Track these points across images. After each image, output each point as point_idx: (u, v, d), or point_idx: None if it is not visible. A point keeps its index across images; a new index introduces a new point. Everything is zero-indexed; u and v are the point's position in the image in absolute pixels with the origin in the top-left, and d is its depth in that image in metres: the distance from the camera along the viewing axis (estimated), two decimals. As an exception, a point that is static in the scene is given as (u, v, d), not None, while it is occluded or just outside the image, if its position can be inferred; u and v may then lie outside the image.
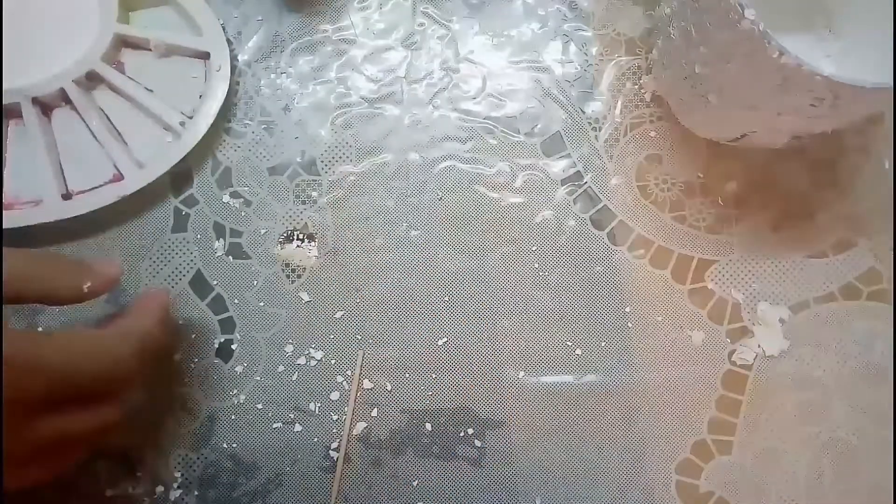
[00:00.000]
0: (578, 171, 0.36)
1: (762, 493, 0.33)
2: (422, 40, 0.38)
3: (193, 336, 0.34)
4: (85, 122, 0.35)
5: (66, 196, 0.34)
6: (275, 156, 0.36)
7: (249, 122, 0.36)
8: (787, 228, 0.36)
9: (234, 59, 0.37)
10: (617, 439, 0.34)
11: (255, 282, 0.35)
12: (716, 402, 0.34)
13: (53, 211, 0.33)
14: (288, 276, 0.35)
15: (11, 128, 0.35)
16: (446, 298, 0.35)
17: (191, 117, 0.35)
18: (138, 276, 0.35)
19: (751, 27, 0.26)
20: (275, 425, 0.33)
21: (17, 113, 0.34)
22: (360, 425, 0.33)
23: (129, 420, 0.32)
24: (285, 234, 0.35)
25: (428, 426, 0.33)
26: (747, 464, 0.34)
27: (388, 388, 0.34)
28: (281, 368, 0.34)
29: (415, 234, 0.35)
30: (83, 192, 0.34)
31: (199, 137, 0.35)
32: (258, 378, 0.34)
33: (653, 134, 0.36)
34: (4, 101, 0.34)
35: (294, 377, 0.34)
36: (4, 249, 0.26)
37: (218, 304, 0.34)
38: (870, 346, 0.35)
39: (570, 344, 0.34)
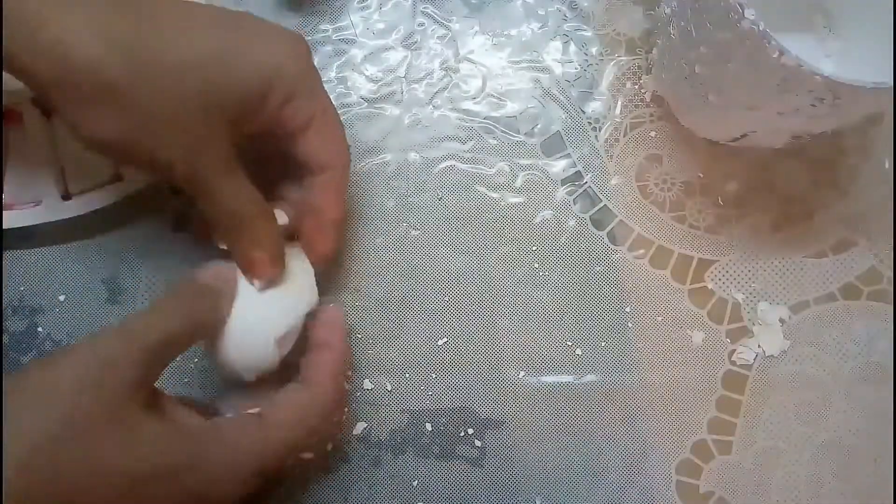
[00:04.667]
0: (578, 171, 0.36)
1: (762, 493, 0.33)
2: (422, 40, 0.38)
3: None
4: (85, 122, 0.35)
5: (66, 196, 0.34)
6: (275, 156, 0.36)
7: (249, 122, 0.36)
8: (787, 228, 0.36)
9: (234, 59, 0.37)
10: (617, 439, 0.34)
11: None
12: (716, 402, 0.34)
13: (53, 211, 0.33)
14: (288, 276, 0.35)
15: (12, 129, 0.34)
16: (446, 298, 0.35)
17: (191, 117, 0.35)
18: (138, 277, 0.35)
19: (751, 27, 0.26)
20: (275, 425, 0.33)
21: (17, 114, 0.34)
22: (360, 425, 0.33)
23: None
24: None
25: (428, 426, 0.33)
26: (747, 464, 0.34)
27: (388, 388, 0.34)
28: (281, 368, 0.34)
29: (415, 234, 0.35)
30: (83, 192, 0.34)
31: (199, 137, 0.35)
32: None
33: (653, 134, 0.36)
34: (4, 103, 0.33)
35: (294, 377, 0.34)
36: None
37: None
38: (870, 346, 0.35)
39: (570, 344, 0.34)
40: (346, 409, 0.32)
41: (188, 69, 0.25)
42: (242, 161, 0.28)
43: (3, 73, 0.24)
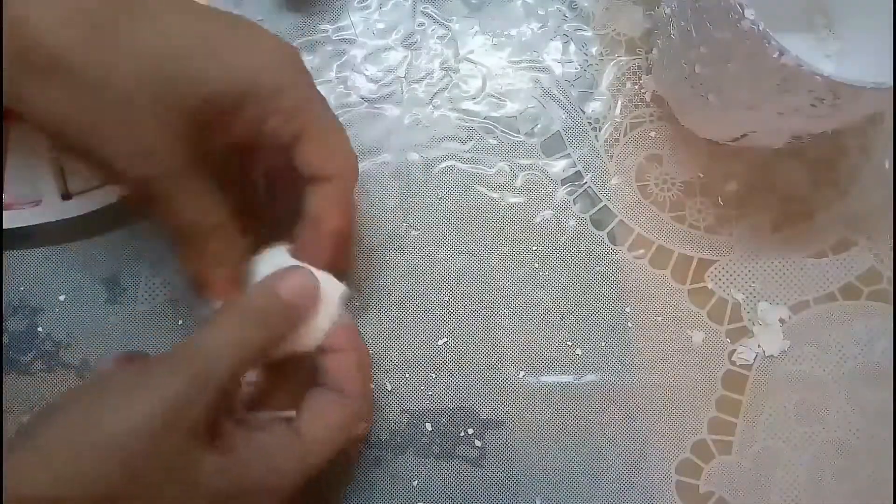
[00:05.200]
0: (578, 171, 0.36)
1: (762, 493, 0.33)
2: (422, 40, 0.38)
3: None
4: (85, 122, 0.35)
5: (66, 196, 0.34)
6: (275, 156, 0.36)
7: (249, 122, 0.36)
8: (787, 228, 0.36)
9: (234, 59, 0.37)
10: (617, 439, 0.34)
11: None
12: (716, 402, 0.34)
13: (53, 211, 0.33)
14: (288, 276, 0.35)
15: (12, 128, 0.34)
16: (446, 298, 0.35)
17: (191, 117, 0.35)
18: (138, 277, 0.35)
19: (751, 27, 0.26)
20: (275, 425, 0.33)
21: (17, 113, 0.34)
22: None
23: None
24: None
25: (428, 426, 0.33)
26: (747, 464, 0.34)
27: (388, 388, 0.34)
28: (281, 368, 0.34)
29: (415, 234, 0.35)
30: (83, 192, 0.34)
31: (199, 137, 0.35)
32: (257, 378, 0.34)
33: (653, 134, 0.36)
34: (4, 102, 0.33)
35: (294, 377, 0.34)
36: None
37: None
38: (870, 346, 0.35)
39: (570, 344, 0.34)
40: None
41: (153, 57, 0.23)
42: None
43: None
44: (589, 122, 0.37)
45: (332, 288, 0.28)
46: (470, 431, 0.33)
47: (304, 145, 0.26)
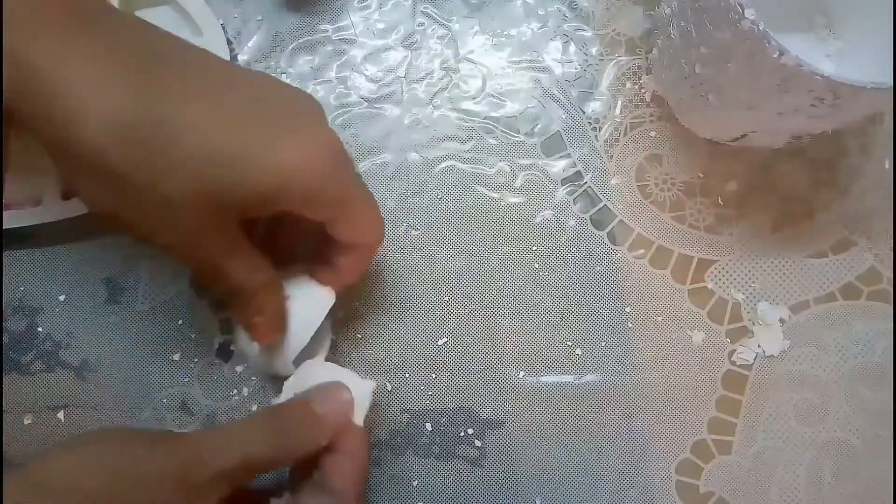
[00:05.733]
0: (578, 171, 0.36)
1: (762, 493, 0.33)
2: (422, 40, 0.38)
3: (193, 336, 0.34)
4: (85, 122, 0.35)
5: (66, 196, 0.34)
6: (275, 156, 0.36)
7: (249, 122, 0.36)
8: (787, 228, 0.36)
9: (234, 59, 0.37)
10: (617, 439, 0.34)
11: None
12: (716, 402, 0.34)
13: (53, 211, 0.33)
14: (288, 276, 0.35)
15: (12, 128, 0.34)
16: (446, 298, 0.35)
17: (191, 117, 0.35)
18: (138, 277, 0.35)
19: (751, 27, 0.26)
20: (275, 425, 0.33)
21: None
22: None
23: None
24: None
25: (428, 426, 0.33)
26: (747, 464, 0.34)
27: (388, 388, 0.34)
28: (281, 368, 0.34)
29: (415, 234, 0.35)
30: (83, 192, 0.34)
31: (199, 137, 0.35)
32: (257, 378, 0.34)
33: (653, 134, 0.36)
34: (6, 107, 0.33)
35: (294, 377, 0.34)
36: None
37: (218, 304, 0.34)
38: (870, 346, 0.35)
39: (570, 344, 0.34)
40: None
41: (196, 165, 0.24)
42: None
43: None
44: (589, 122, 0.37)
45: (363, 391, 0.29)
46: (470, 431, 0.33)
47: (340, 224, 0.28)
